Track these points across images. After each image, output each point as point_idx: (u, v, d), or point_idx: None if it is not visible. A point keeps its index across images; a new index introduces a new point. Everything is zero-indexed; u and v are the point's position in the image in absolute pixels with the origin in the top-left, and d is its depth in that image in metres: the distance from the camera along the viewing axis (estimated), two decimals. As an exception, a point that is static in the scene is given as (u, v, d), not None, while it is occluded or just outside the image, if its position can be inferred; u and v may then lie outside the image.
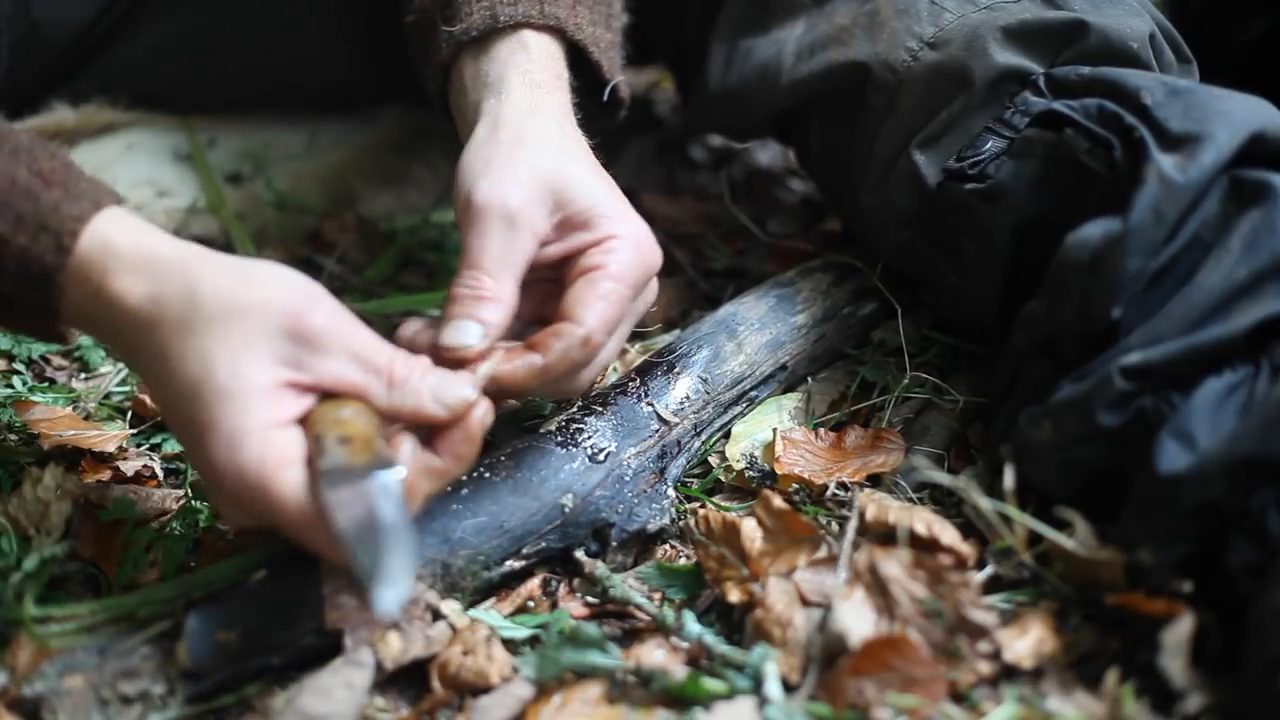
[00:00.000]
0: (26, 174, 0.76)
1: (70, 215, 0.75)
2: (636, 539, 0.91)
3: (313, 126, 1.36)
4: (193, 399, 0.73)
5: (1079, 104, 0.92)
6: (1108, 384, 0.81)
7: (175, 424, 0.77)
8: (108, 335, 0.79)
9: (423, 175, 1.39)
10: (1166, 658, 0.73)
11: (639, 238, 0.89)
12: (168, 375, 0.75)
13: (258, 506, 0.74)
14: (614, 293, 0.86)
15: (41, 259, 0.75)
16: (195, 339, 0.74)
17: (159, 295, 0.75)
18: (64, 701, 0.74)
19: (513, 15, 0.95)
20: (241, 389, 0.73)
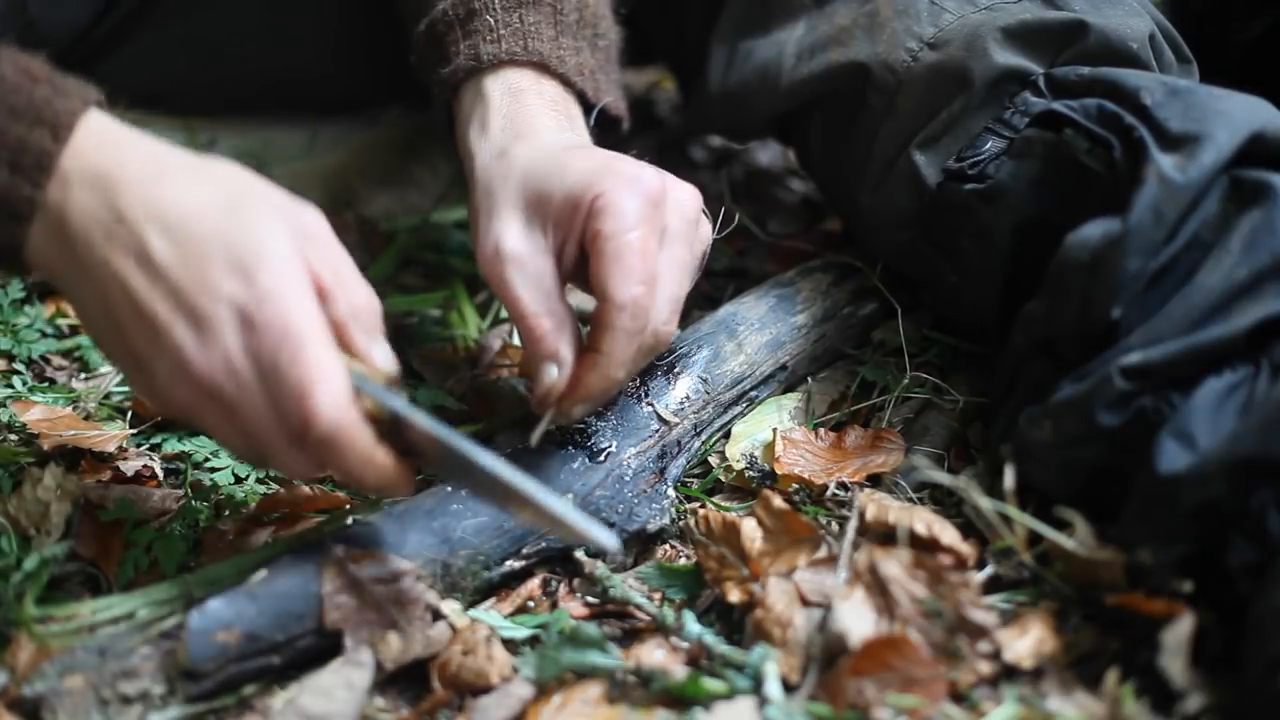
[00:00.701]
0: (13, 71, 0.77)
1: (64, 109, 0.76)
2: (636, 539, 0.91)
3: (313, 127, 1.36)
4: (222, 260, 0.75)
5: (1079, 104, 0.92)
6: (1108, 384, 0.81)
7: (180, 300, 0.75)
8: (102, 240, 0.75)
9: (423, 175, 1.39)
10: (1166, 658, 0.73)
11: (626, 179, 0.85)
12: (190, 248, 0.75)
13: (296, 358, 0.74)
14: (623, 246, 0.83)
15: (40, 144, 0.75)
16: (229, 213, 0.76)
17: (168, 167, 0.77)
18: (64, 701, 0.74)
19: (495, 54, 0.96)
20: (276, 252, 0.76)
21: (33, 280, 1.19)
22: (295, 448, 0.77)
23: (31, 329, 1.14)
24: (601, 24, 1.02)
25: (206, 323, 0.75)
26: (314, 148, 1.37)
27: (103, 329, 0.78)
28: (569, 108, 0.97)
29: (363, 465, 0.77)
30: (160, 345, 0.75)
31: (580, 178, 0.85)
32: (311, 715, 0.76)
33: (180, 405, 0.77)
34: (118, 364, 0.81)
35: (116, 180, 0.76)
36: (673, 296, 0.86)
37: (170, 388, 0.76)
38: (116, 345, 0.78)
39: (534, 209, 0.87)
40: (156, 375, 0.76)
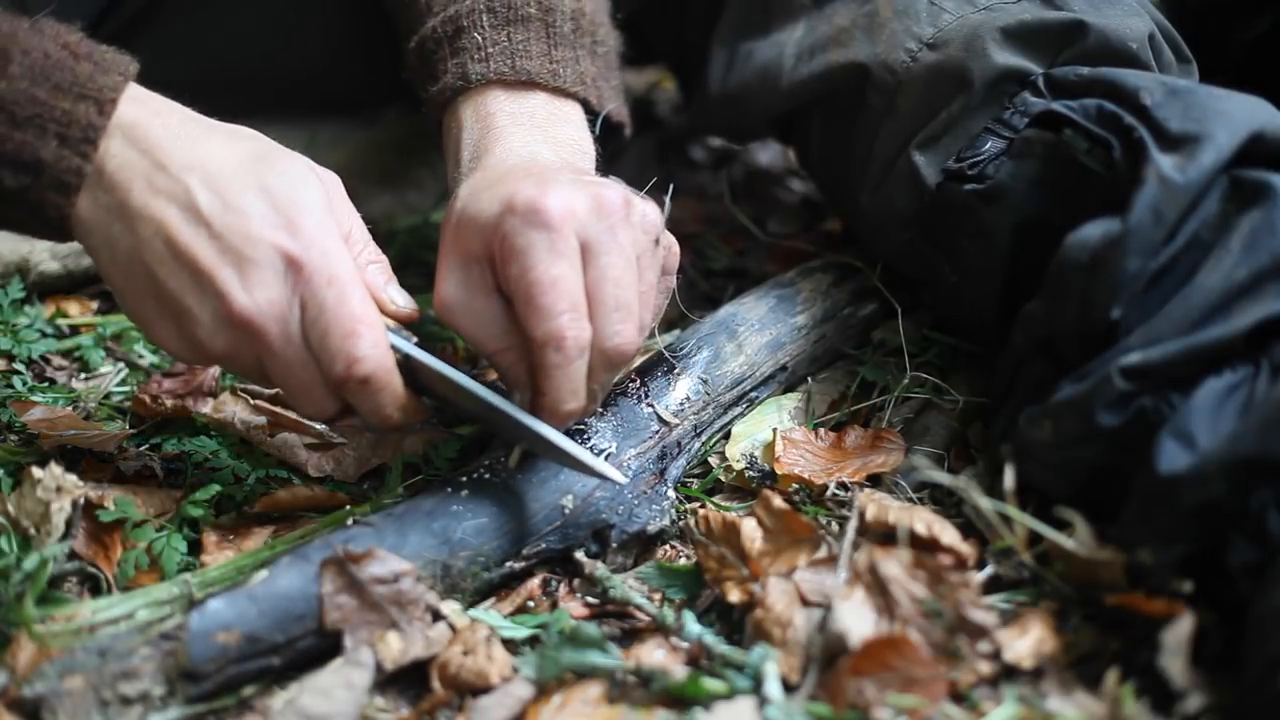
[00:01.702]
0: (56, 47, 0.80)
1: (107, 85, 0.80)
2: (636, 540, 0.91)
3: (313, 127, 1.36)
4: (265, 207, 0.80)
5: (1078, 104, 0.92)
6: (1108, 384, 0.81)
7: (239, 241, 0.79)
8: (142, 189, 0.79)
9: (423, 175, 1.39)
10: (1166, 658, 0.73)
11: (523, 214, 0.82)
12: (232, 198, 0.79)
13: (346, 296, 0.79)
14: (529, 286, 0.81)
15: (86, 118, 0.79)
16: (265, 165, 0.81)
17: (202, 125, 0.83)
18: (64, 702, 0.74)
19: (483, 74, 0.96)
20: (314, 202, 0.81)
21: (33, 280, 1.19)
22: (328, 388, 0.82)
23: (31, 329, 1.14)
24: (599, 30, 1.01)
25: (252, 266, 0.79)
26: (314, 147, 1.36)
27: (137, 283, 0.81)
28: (553, 119, 0.96)
29: (393, 404, 0.83)
30: (203, 290, 0.79)
31: (488, 220, 0.84)
32: (311, 715, 0.76)
33: (220, 351, 0.81)
34: (149, 317, 0.82)
35: (155, 136, 0.80)
36: (617, 307, 0.83)
37: (213, 334, 0.80)
38: (151, 298, 0.81)
39: (467, 252, 0.86)
40: (199, 323, 0.80)
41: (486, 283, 0.85)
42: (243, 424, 1.01)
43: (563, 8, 0.98)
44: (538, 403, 0.85)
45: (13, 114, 0.78)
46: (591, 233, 0.83)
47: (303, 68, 1.27)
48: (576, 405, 0.84)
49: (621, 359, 0.85)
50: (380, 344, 0.81)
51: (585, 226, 0.83)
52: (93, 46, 0.82)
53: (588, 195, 0.84)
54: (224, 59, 1.25)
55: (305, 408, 0.84)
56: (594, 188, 0.85)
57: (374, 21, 1.15)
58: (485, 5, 0.97)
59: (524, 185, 0.84)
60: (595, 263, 0.83)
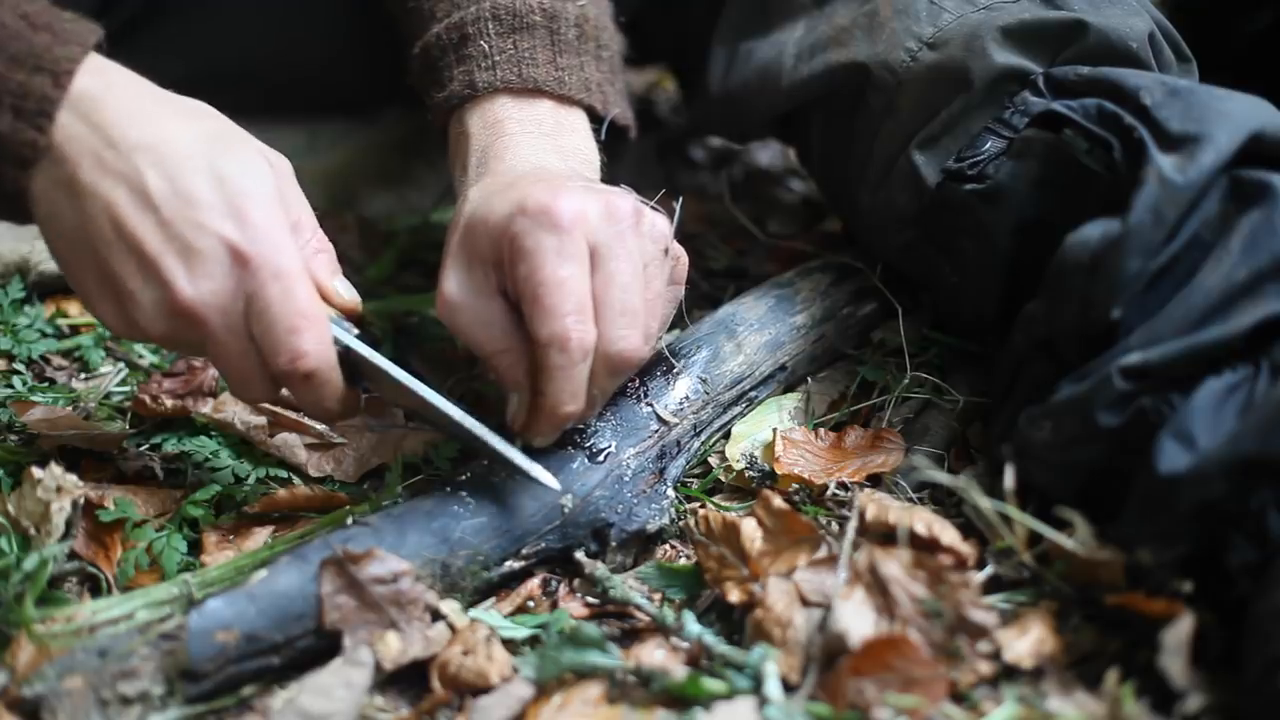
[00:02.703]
0: (13, 17, 0.79)
1: (64, 56, 0.79)
2: (636, 539, 0.91)
3: (313, 126, 1.36)
4: (214, 196, 0.78)
5: (1078, 104, 0.92)
6: (1108, 384, 0.81)
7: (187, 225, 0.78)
8: (91, 166, 0.78)
9: (423, 175, 1.39)
10: (1166, 658, 0.73)
11: (535, 215, 0.83)
12: (182, 183, 0.78)
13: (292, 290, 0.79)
14: (537, 286, 0.82)
15: (41, 90, 0.78)
16: (218, 150, 0.80)
17: (157, 102, 0.81)
18: (64, 702, 0.74)
19: (490, 82, 0.95)
20: (264, 192, 0.80)
21: (33, 280, 1.19)
22: (268, 377, 0.82)
23: (31, 329, 1.14)
24: (603, 35, 1.01)
25: (198, 257, 0.78)
26: (314, 148, 1.37)
27: (81, 258, 0.80)
28: (560, 127, 0.96)
29: (332, 398, 0.83)
30: (148, 276, 0.78)
31: (499, 221, 0.84)
32: (311, 715, 0.76)
33: (160, 334, 0.81)
34: (92, 293, 0.82)
35: (107, 110, 0.79)
36: (624, 312, 0.84)
37: (154, 319, 0.80)
38: (95, 275, 0.80)
39: (474, 254, 0.86)
40: (140, 306, 0.79)
41: (491, 285, 0.86)
42: (243, 424, 1.01)
43: (567, 14, 0.98)
44: (536, 403, 0.85)
45: None
46: (601, 238, 0.84)
47: (303, 67, 1.27)
48: (575, 408, 0.84)
49: (625, 365, 0.85)
50: (324, 340, 0.81)
51: (595, 231, 0.84)
52: (53, 16, 0.80)
53: (599, 201, 0.85)
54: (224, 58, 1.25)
55: (243, 394, 0.85)
56: (606, 195, 0.86)
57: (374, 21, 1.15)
58: (490, 13, 0.97)
59: (536, 189, 0.84)
60: (603, 267, 0.84)
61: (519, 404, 0.86)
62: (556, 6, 0.98)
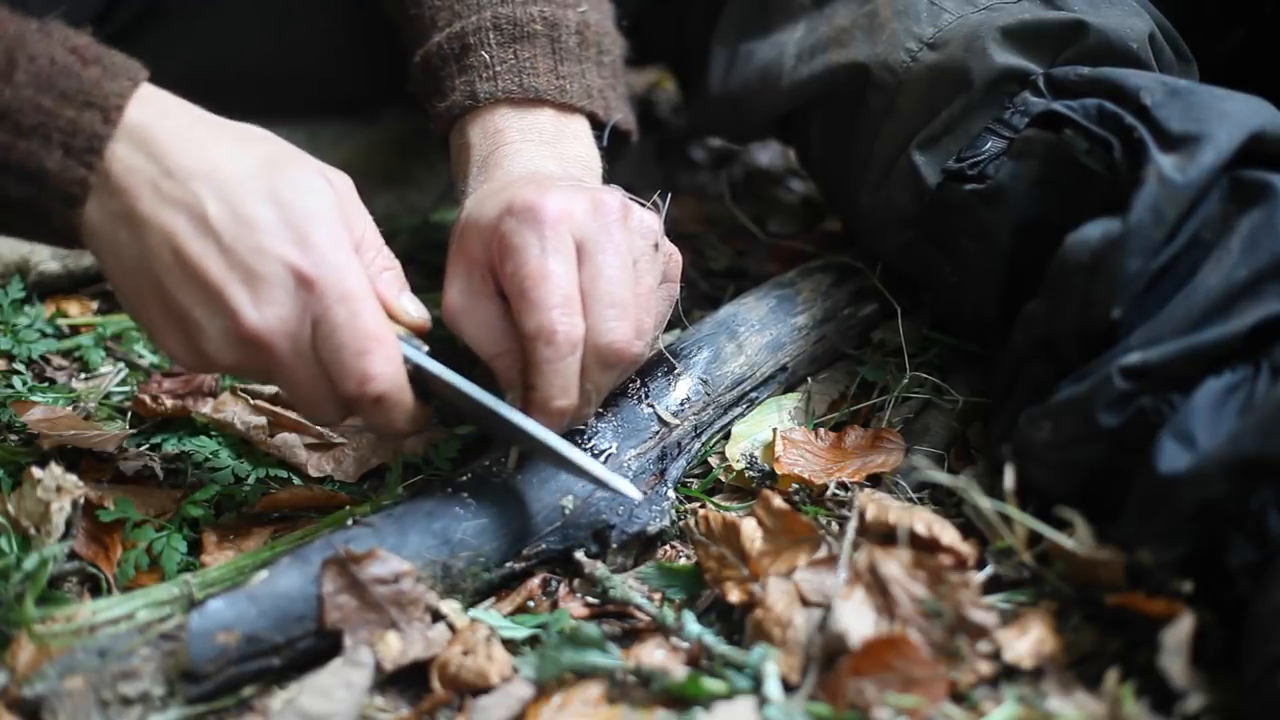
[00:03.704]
0: (63, 51, 0.78)
1: (114, 91, 0.78)
2: (636, 540, 0.91)
3: (312, 127, 1.36)
4: (275, 220, 0.78)
5: (1079, 104, 0.92)
6: (1108, 384, 0.81)
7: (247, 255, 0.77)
8: (149, 196, 0.78)
9: (423, 175, 1.39)
10: (1166, 658, 0.73)
11: (520, 213, 0.83)
12: (242, 208, 0.77)
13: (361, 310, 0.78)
14: (522, 281, 0.83)
15: (90, 127, 0.77)
16: (276, 173, 0.79)
17: (212, 129, 0.81)
18: (64, 702, 0.74)
19: (491, 93, 0.95)
20: (325, 213, 0.80)
21: (33, 280, 1.19)
22: (338, 401, 0.81)
23: (31, 329, 1.14)
24: (605, 40, 1.01)
25: (262, 283, 0.77)
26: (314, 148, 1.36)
27: (144, 291, 0.79)
28: (561, 134, 0.96)
29: (404, 418, 0.82)
30: (213, 306, 0.78)
31: (489, 223, 0.85)
32: (311, 715, 0.76)
33: (228, 364, 0.80)
34: (157, 326, 0.81)
35: (163, 139, 0.78)
36: (612, 304, 0.84)
37: (222, 348, 0.79)
38: (159, 308, 0.79)
39: (469, 258, 0.87)
40: (207, 336, 0.79)
41: (488, 287, 0.86)
42: (243, 424, 1.01)
43: (568, 22, 0.98)
44: (528, 398, 0.85)
45: (18, 123, 0.77)
46: (587, 232, 0.84)
47: (303, 68, 1.27)
48: (566, 403, 0.84)
49: (616, 358, 0.85)
50: (393, 361, 0.80)
51: (581, 226, 0.84)
52: (101, 50, 0.80)
53: (585, 198, 0.85)
54: (225, 59, 1.25)
55: (314, 417, 0.85)
56: (592, 191, 0.86)
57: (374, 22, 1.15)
58: (491, 22, 0.97)
59: (523, 189, 0.85)
60: (591, 261, 0.84)
61: (512, 401, 0.87)
62: (557, 14, 0.98)
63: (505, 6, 0.97)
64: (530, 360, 0.83)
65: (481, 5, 0.98)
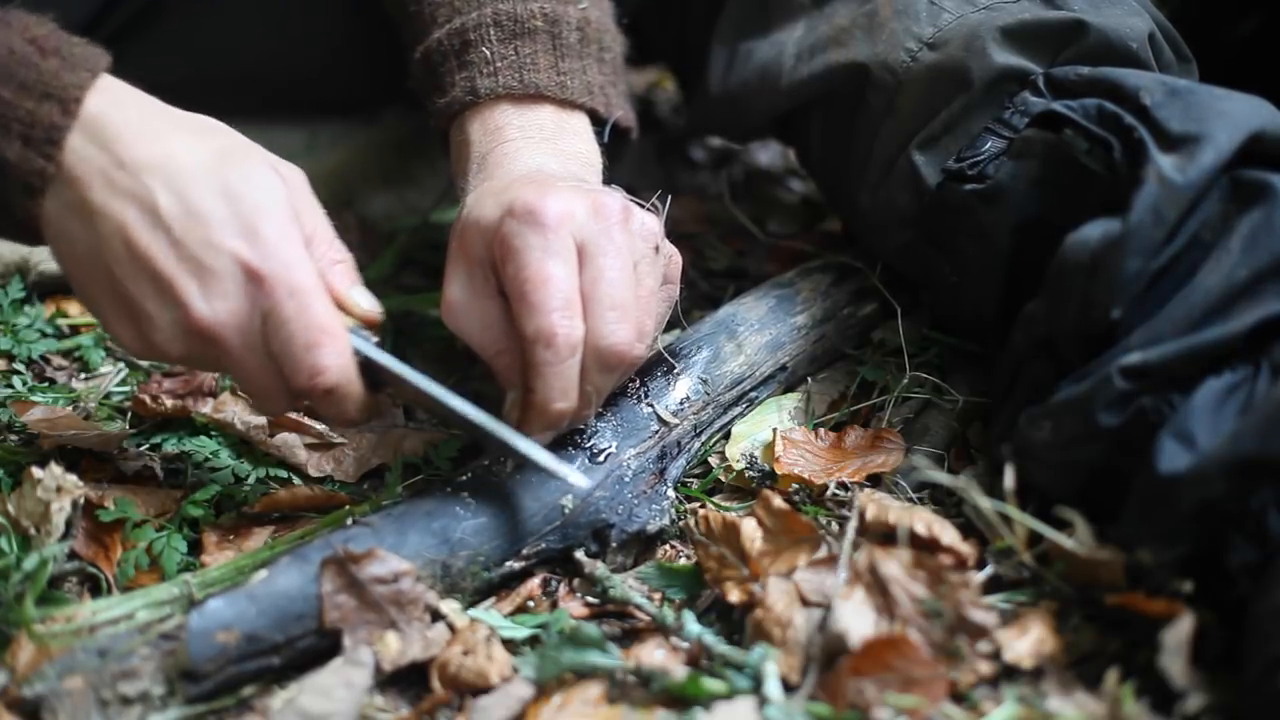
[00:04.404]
0: (21, 42, 0.79)
1: (72, 83, 0.78)
2: (636, 540, 0.91)
3: (313, 126, 1.36)
4: (225, 214, 0.78)
5: (1078, 104, 0.92)
6: (1108, 384, 0.81)
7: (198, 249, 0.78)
8: (101, 187, 0.78)
9: (423, 175, 1.39)
10: (1166, 658, 0.73)
11: (520, 215, 0.83)
12: (192, 201, 0.77)
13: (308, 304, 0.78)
14: (522, 283, 0.83)
15: (49, 119, 0.77)
16: (228, 166, 0.79)
17: (166, 121, 0.80)
18: (64, 702, 0.74)
19: (492, 88, 0.95)
20: (275, 207, 0.80)
21: (33, 280, 1.19)
22: (288, 392, 0.82)
23: (31, 329, 1.14)
24: (605, 37, 1.01)
25: (212, 276, 0.78)
26: (314, 147, 1.37)
27: (95, 280, 0.80)
28: (561, 131, 0.96)
29: (354, 408, 0.83)
30: (163, 297, 0.78)
31: (490, 224, 0.85)
32: (311, 715, 0.76)
33: (178, 355, 0.81)
34: (107, 315, 0.81)
35: (116, 130, 0.78)
36: (613, 307, 0.84)
37: (171, 339, 0.79)
38: (110, 297, 0.80)
39: (470, 257, 0.87)
40: (156, 327, 0.79)
41: (489, 287, 0.86)
42: (243, 424, 1.01)
43: (568, 18, 0.98)
44: (527, 400, 0.85)
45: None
46: (588, 234, 0.84)
47: (303, 67, 1.27)
48: (566, 405, 0.84)
49: (617, 360, 0.85)
50: (343, 353, 0.80)
51: (582, 229, 0.84)
52: (61, 40, 0.80)
53: (586, 200, 0.85)
54: (224, 59, 1.25)
55: (265, 409, 0.85)
56: (593, 193, 0.86)
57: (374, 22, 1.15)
58: (492, 19, 0.97)
59: (525, 191, 0.85)
60: (591, 263, 0.84)
61: (512, 402, 0.87)
62: (558, 11, 0.98)
63: (506, 3, 0.97)
64: (530, 362, 0.83)
65: (482, 1, 0.98)
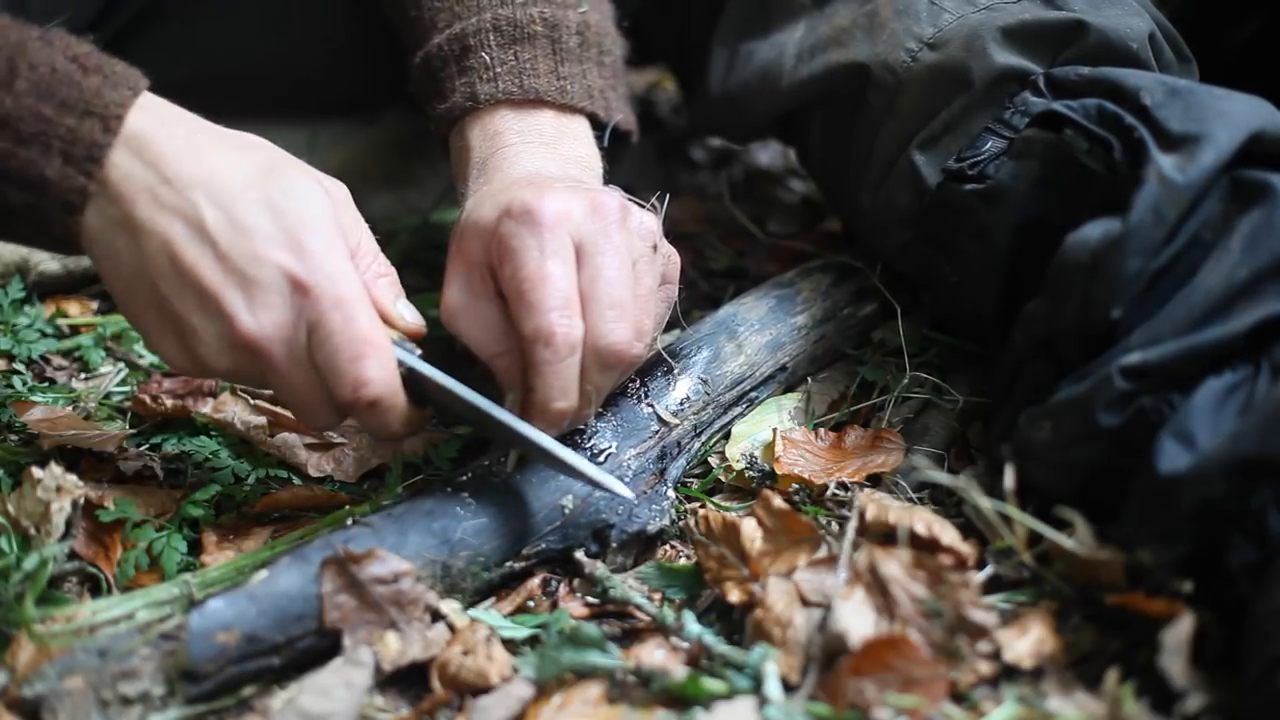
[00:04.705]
0: (64, 60, 0.79)
1: (114, 100, 0.78)
2: (636, 540, 0.91)
3: (313, 126, 1.36)
4: (270, 226, 0.78)
5: (1079, 104, 0.92)
6: (1108, 384, 0.81)
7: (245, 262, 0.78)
8: (146, 203, 0.78)
9: (423, 175, 1.39)
10: (1166, 658, 0.73)
11: (518, 215, 0.84)
12: (238, 215, 0.78)
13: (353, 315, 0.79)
14: (520, 283, 0.83)
15: (90, 136, 0.78)
16: (272, 180, 0.80)
17: (209, 137, 0.81)
18: (64, 702, 0.74)
19: (492, 94, 0.95)
20: (319, 219, 0.80)
21: (33, 280, 1.19)
22: (333, 405, 0.82)
23: (31, 329, 1.14)
24: (605, 41, 1.01)
25: (258, 289, 0.78)
26: (314, 147, 1.37)
27: (140, 296, 0.80)
28: (561, 135, 0.96)
29: (397, 421, 0.83)
30: (209, 311, 0.78)
31: (487, 225, 0.86)
32: (311, 715, 0.76)
33: (225, 368, 0.81)
34: (153, 330, 0.81)
35: (161, 147, 0.79)
36: (611, 306, 0.84)
37: (217, 353, 0.80)
38: (155, 312, 0.80)
39: (469, 259, 0.87)
40: (202, 341, 0.79)
41: (487, 288, 0.87)
42: (243, 424, 1.01)
43: (568, 22, 0.98)
44: (528, 400, 0.85)
45: (18, 130, 0.77)
46: (586, 234, 0.84)
47: (303, 68, 1.27)
48: (566, 405, 0.84)
49: (616, 359, 0.85)
50: (387, 366, 0.81)
51: (580, 228, 0.84)
52: (102, 59, 0.80)
53: (583, 199, 0.85)
54: (224, 59, 1.25)
55: (309, 421, 0.85)
56: (591, 193, 0.86)
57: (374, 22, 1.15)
58: (491, 24, 0.97)
59: (522, 192, 0.85)
60: (590, 262, 0.84)
61: (512, 402, 0.87)
62: (557, 15, 0.98)
63: (505, 8, 0.97)
64: (529, 362, 0.84)
65: (481, 6, 0.98)
